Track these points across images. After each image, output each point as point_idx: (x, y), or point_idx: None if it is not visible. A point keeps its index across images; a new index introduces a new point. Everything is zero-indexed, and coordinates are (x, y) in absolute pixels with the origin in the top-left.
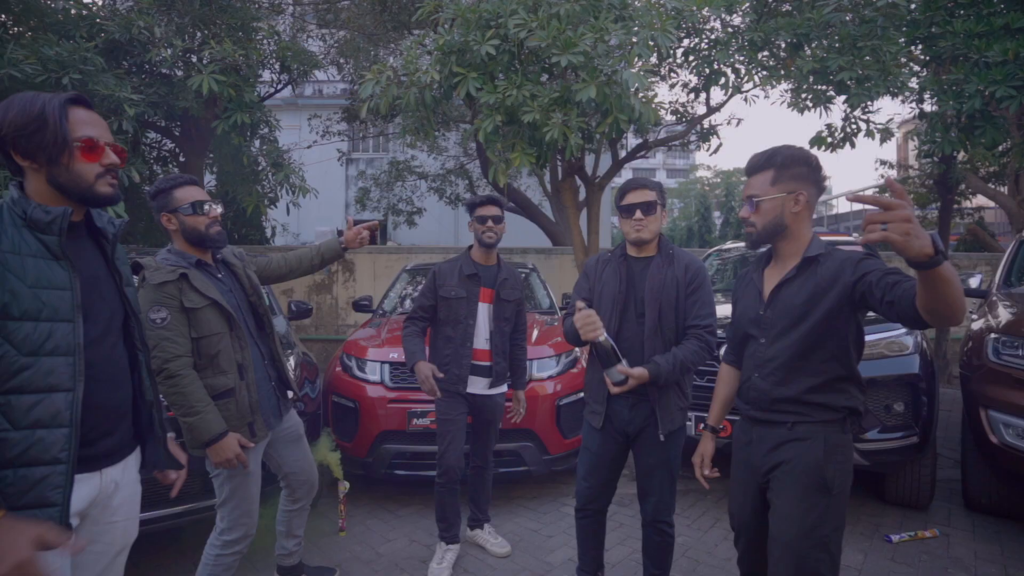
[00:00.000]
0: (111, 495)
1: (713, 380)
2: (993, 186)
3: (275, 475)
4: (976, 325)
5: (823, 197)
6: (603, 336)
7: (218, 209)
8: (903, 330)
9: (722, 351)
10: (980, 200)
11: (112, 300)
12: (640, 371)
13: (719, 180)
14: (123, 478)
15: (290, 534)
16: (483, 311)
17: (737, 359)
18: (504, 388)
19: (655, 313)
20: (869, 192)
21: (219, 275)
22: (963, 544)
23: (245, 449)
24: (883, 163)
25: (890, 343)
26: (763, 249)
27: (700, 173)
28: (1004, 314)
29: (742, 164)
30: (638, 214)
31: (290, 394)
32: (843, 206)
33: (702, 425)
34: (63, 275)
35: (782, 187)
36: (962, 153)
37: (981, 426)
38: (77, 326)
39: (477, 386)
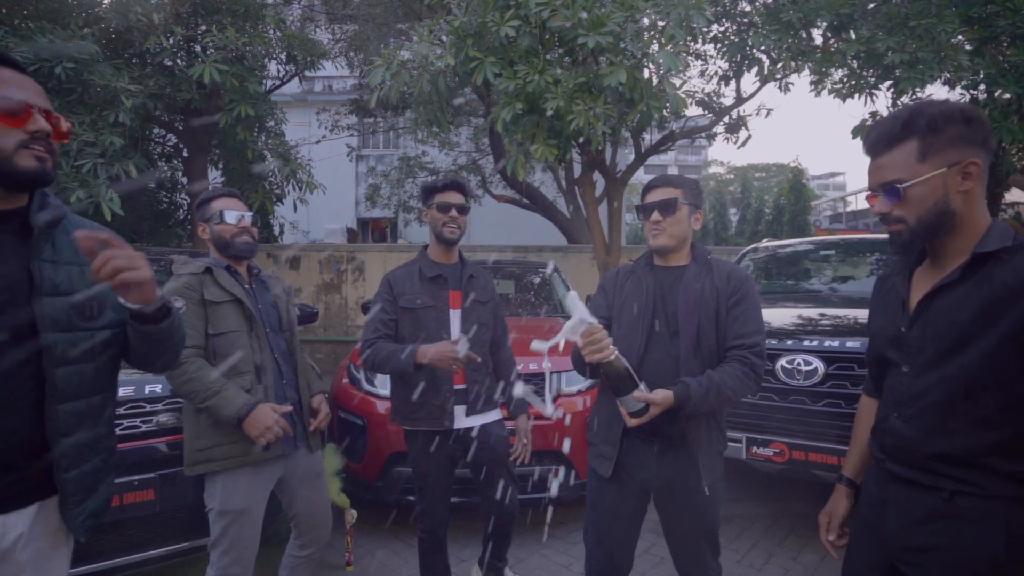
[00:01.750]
0: (10, 549)
1: (769, 398)
2: None
3: (277, 521)
4: None
5: (839, 194)
6: (614, 355)
7: (246, 219)
8: None
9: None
10: (1014, 195)
11: (16, 314)
12: (664, 394)
13: (733, 176)
14: (29, 531)
15: None
16: (455, 319)
17: (878, 390)
18: (497, 414)
19: (692, 330)
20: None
21: (247, 285)
22: None
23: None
24: None
25: None
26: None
27: (713, 169)
28: None
29: (757, 160)
30: (655, 215)
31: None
32: (862, 202)
33: (837, 477)
34: None
35: (939, 160)
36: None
37: None
38: None
39: (453, 418)
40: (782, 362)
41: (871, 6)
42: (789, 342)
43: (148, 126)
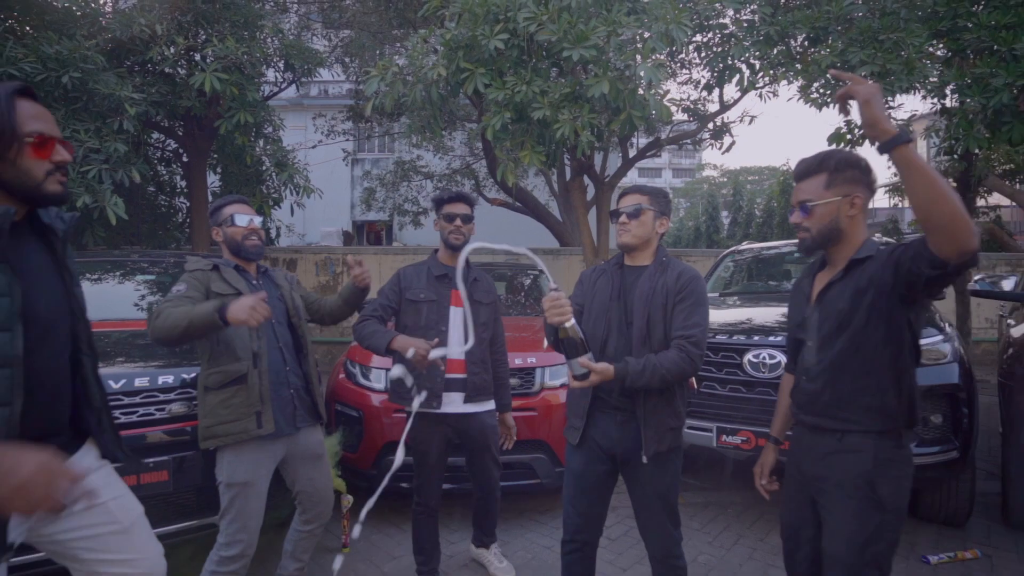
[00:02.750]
0: (86, 471)
1: (737, 390)
2: (1010, 184)
3: (280, 506)
4: (1018, 331)
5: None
6: (571, 322)
7: (255, 223)
8: (940, 337)
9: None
10: (995, 198)
11: (58, 304)
12: (605, 367)
13: (726, 179)
14: (90, 461)
15: (294, 556)
16: (455, 316)
17: (795, 366)
18: (491, 405)
19: (643, 322)
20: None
21: (255, 281)
22: (1009, 567)
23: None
24: None
25: (927, 351)
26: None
27: (707, 172)
28: None
29: (750, 163)
30: (623, 218)
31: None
32: None
33: (764, 438)
34: (1, 281)
35: (837, 191)
36: (993, 148)
37: None
38: (16, 336)
39: (452, 404)
40: (749, 356)
41: (847, 23)
42: (756, 338)
43: (148, 131)
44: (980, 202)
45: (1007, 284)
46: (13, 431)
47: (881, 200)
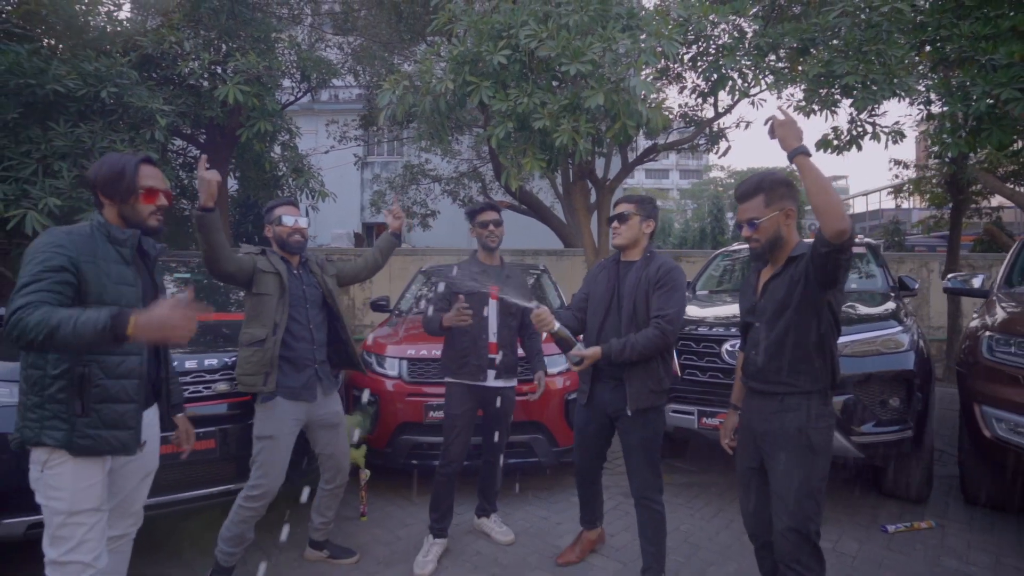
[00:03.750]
0: (148, 425)
1: (716, 376)
2: (1012, 186)
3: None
4: (973, 324)
5: (840, 198)
6: (557, 327)
7: (301, 223)
8: (899, 328)
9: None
10: (1000, 199)
11: (145, 303)
12: (593, 350)
13: (733, 180)
14: (153, 417)
15: (320, 513)
16: (492, 307)
17: (747, 345)
18: (514, 382)
19: (631, 307)
20: (884, 191)
21: (296, 271)
22: (958, 535)
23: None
24: (897, 163)
25: (886, 340)
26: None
27: (714, 174)
28: (1000, 313)
29: (756, 164)
30: (615, 224)
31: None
32: (859, 206)
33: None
34: (132, 276)
35: (775, 207)
36: (978, 152)
37: (976, 421)
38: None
39: (497, 379)
40: (726, 346)
41: (833, 34)
42: (733, 329)
43: (170, 139)
44: (983, 203)
45: (976, 282)
46: (143, 371)
47: (886, 201)
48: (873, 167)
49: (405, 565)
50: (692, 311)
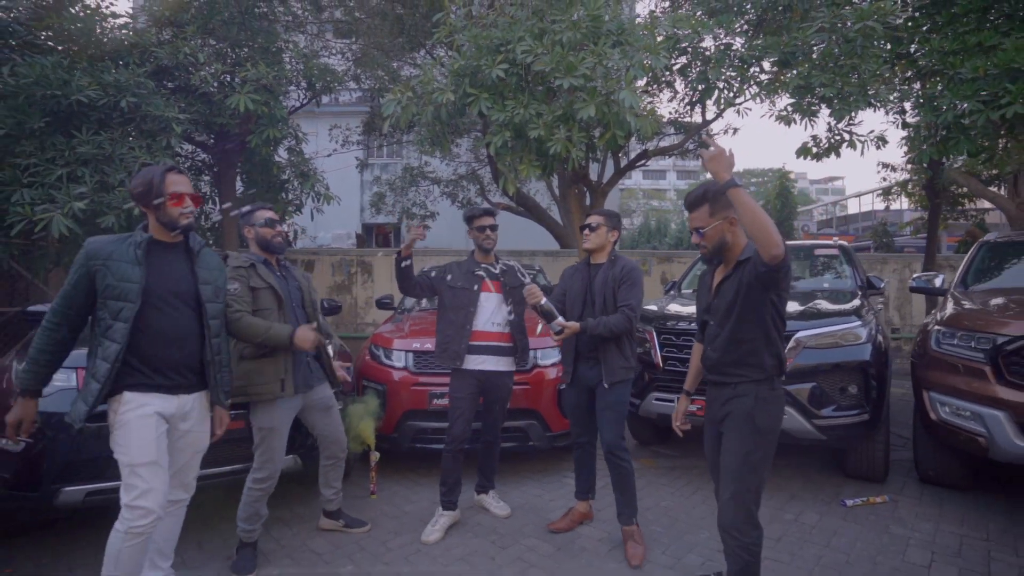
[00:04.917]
0: (186, 413)
1: (677, 365)
2: (995, 189)
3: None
4: (926, 320)
5: (835, 199)
6: (544, 300)
7: (282, 227)
8: (858, 323)
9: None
10: (984, 202)
11: (188, 292)
12: (574, 324)
13: None
14: (192, 406)
15: (327, 485)
16: (493, 300)
17: (703, 338)
18: (512, 366)
19: (601, 301)
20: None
21: (278, 273)
22: (908, 508)
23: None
24: (885, 166)
25: (845, 334)
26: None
27: (710, 175)
28: (949, 310)
29: (749, 166)
30: (586, 232)
31: (342, 371)
32: (852, 207)
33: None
34: (139, 273)
35: (719, 216)
36: (950, 159)
37: (924, 406)
38: (137, 305)
39: (485, 363)
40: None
41: (812, 49)
42: None
43: (181, 143)
44: (969, 205)
45: (937, 281)
46: (118, 360)
47: (879, 203)
48: (869, 169)
49: (412, 534)
50: (675, 308)
